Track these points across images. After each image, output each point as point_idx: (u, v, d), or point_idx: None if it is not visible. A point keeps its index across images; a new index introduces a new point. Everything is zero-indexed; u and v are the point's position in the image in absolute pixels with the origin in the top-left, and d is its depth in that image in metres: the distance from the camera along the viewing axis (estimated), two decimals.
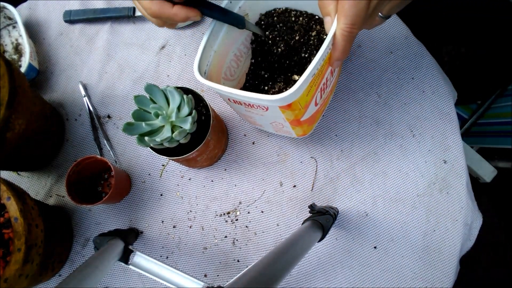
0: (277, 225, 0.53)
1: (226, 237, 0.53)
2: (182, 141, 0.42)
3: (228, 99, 0.42)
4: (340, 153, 0.54)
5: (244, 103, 0.41)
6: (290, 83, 0.48)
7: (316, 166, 0.54)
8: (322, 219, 0.43)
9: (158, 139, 0.40)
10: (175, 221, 0.55)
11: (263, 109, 0.40)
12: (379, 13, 0.39)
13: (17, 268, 0.40)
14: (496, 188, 1.04)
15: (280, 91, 0.47)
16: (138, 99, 0.42)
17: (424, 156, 0.52)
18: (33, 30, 0.67)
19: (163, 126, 0.42)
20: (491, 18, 0.93)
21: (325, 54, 0.36)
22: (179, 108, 0.42)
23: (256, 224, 0.53)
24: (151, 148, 0.44)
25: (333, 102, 0.56)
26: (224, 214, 0.54)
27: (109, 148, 0.59)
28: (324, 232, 0.42)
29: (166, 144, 0.41)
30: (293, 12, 0.50)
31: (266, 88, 0.49)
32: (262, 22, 0.51)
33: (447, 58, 0.98)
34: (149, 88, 0.41)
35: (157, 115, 0.40)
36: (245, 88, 0.51)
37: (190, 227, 0.54)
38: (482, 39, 0.94)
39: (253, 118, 0.47)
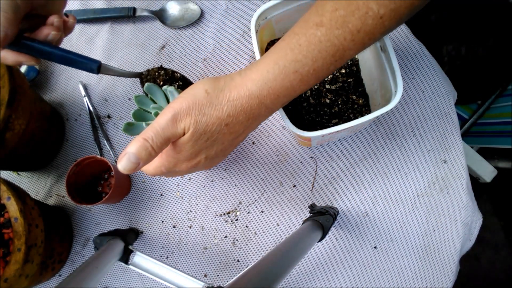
0: (277, 225, 0.53)
1: (226, 237, 0.53)
2: None
3: (323, 135, 0.41)
4: (340, 153, 0.54)
5: (344, 129, 0.41)
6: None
7: (316, 166, 0.54)
8: (322, 219, 0.43)
9: None
10: (175, 221, 0.55)
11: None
12: None
13: (17, 268, 0.41)
14: (496, 188, 1.04)
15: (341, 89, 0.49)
16: (138, 99, 0.42)
17: (424, 156, 0.52)
18: None
19: None
20: (491, 18, 0.93)
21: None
22: None
23: (256, 224, 0.53)
24: None
25: None
26: (224, 214, 0.54)
27: (109, 148, 0.59)
28: (324, 232, 0.42)
29: None
30: None
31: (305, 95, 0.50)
32: None
33: (447, 58, 0.98)
34: (149, 88, 0.41)
35: (157, 115, 0.40)
36: (291, 110, 0.51)
37: (190, 227, 0.54)
38: (482, 39, 0.94)
39: (332, 137, 0.48)
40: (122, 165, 0.31)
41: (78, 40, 0.65)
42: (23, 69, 0.59)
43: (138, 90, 0.61)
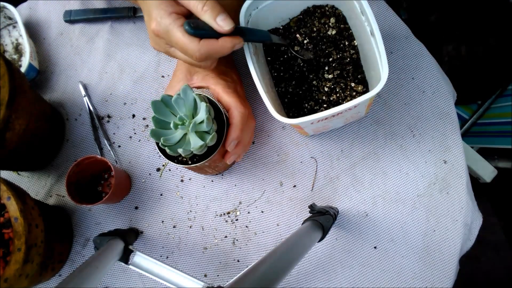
0: (277, 225, 0.53)
1: (226, 237, 0.53)
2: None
3: (312, 123, 0.42)
4: (340, 153, 0.54)
5: (332, 115, 0.41)
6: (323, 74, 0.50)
7: (316, 166, 0.54)
8: (322, 219, 0.43)
9: (191, 147, 0.40)
10: (175, 221, 0.55)
11: (349, 110, 0.41)
12: None
13: (17, 268, 0.41)
14: (496, 188, 1.04)
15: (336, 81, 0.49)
16: (155, 104, 0.41)
17: (424, 156, 0.52)
18: (33, 30, 0.67)
19: (185, 134, 0.42)
20: (491, 18, 0.93)
21: None
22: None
23: (256, 224, 0.53)
24: (169, 157, 0.44)
25: None
26: (224, 214, 0.54)
27: (109, 148, 0.59)
28: (324, 232, 0.42)
29: (197, 152, 0.41)
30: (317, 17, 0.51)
31: (303, 88, 0.50)
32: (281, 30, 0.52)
33: (447, 58, 0.98)
34: (185, 90, 0.41)
35: (177, 126, 0.40)
36: (291, 99, 0.51)
37: (190, 227, 0.54)
38: (482, 39, 0.94)
39: (327, 124, 0.48)
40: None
41: (78, 40, 0.65)
42: (23, 69, 0.59)
43: (139, 90, 0.61)
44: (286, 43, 0.49)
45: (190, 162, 0.44)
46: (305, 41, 0.50)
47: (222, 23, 0.37)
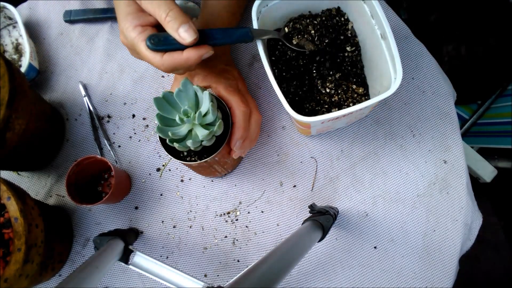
0: (277, 225, 0.53)
1: (226, 237, 0.53)
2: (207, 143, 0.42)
3: (322, 122, 0.42)
4: (340, 153, 0.54)
5: (343, 115, 0.41)
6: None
7: (316, 166, 0.54)
8: (322, 219, 0.43)
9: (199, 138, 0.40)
10: (175, 221, 0.55)
11: (360, 109, 0.41)
12: None
13: (17, 268, 0.41)
14: (496, 188, 1.04)
15: (338, 84, 0.49)
16: (157, 101, 0.41)
17: (424, 156, 0.52)
18: (33, 30, 0.67)
19: (192, 129, 0.42)
20: (491, 18, 0.93)
21: None
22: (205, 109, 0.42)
23: (256, 224, 0.53)
24: (175, 156, 0.44)
25: None
26: (224, 214, 0.54)
27: (109, 148, 0.59)
28: (324, 232, 0.42)
29: (206, 142, 0.41)
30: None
31: (305, 88, 0.50)
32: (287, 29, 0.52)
33: (447, 58, 0.98)
34: (185, 84, 0.41)
35: (182, 119, 0.40)
36: (292, 99, 0.51)
37: (190, 227, 0.54)
38: (482, 39, 0.94)
39: (332, 125, 0.48)
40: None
41: (78, 40, 0.65)
42: (23, 69, 0.59)
43: (139, 90, 0.61)
44: (280, 36, 0.47)
45: (198, 161, 0.44)
46: (309, 28, 0.48)
47: (184, 35, 0.36)
